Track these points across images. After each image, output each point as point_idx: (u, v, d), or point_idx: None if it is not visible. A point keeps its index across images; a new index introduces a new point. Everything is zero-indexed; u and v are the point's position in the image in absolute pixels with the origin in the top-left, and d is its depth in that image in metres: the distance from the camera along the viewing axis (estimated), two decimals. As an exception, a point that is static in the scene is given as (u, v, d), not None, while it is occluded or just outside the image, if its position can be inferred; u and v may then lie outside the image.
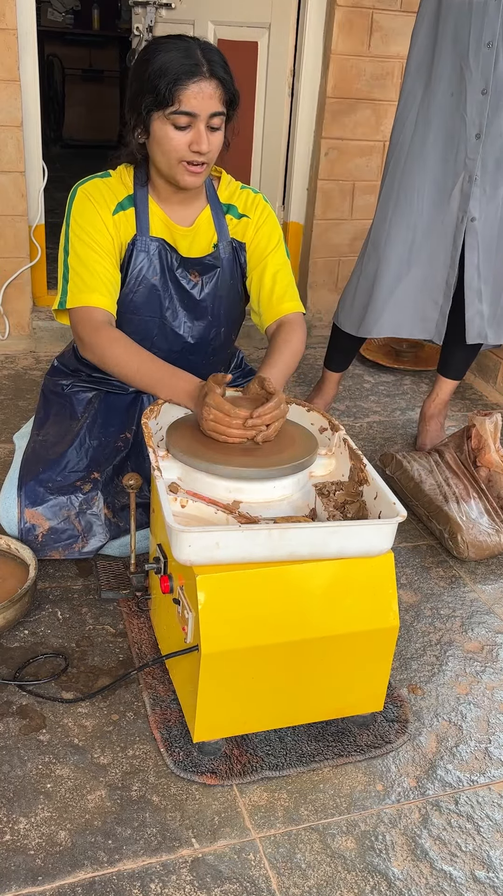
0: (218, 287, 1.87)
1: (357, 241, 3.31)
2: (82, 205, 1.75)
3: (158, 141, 1.66)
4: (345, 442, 1.56)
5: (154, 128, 1.65)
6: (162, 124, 1.63)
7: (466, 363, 2.54)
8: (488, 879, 1.28)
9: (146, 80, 1.61)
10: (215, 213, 1.84)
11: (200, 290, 1.86)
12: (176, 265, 1.83)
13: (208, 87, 1.60)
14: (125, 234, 1.78)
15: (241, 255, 1.89)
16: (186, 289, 1.85)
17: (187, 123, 1.62)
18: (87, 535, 1.81)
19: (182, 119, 1.61)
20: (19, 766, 1.38)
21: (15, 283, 2.98)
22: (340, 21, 2.96)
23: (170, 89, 1.58)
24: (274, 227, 1.89)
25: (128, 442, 1.92)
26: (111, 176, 1.78)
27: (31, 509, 1.78)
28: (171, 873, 1.24)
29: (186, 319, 1.89)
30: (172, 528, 1.24)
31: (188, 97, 1.59)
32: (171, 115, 1.61)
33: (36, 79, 2.82)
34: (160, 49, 1.61)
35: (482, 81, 2.10)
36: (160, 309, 1.85)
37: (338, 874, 1.26)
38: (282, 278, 1.87)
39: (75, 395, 1.99)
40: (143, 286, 1.82)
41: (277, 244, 1.88)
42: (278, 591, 1.32)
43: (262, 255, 1.87)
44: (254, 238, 1.87)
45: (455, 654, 1.74)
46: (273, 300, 1.86)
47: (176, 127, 1.62)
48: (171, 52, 1.59)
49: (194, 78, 1.59)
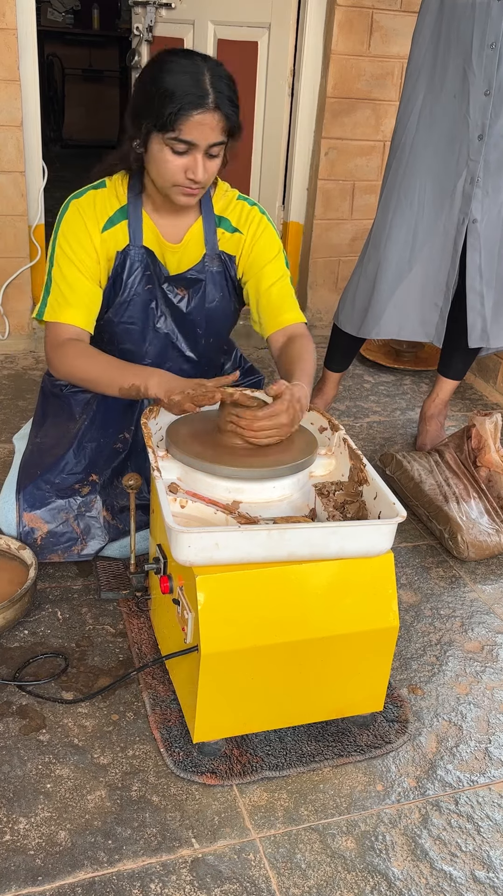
0: (205, 300, 1.86)
1: (357, 241, 3.31)
2: (72, 220, 1.74)
3: (155, 160, 1.65)
4: (344, 442, 1.56)
5: (152, 146, 1.63)
6: (160, 146, 1.61)
7: (466, 364, 2.54)
8: (488, 879, 1.28)
9: (150, 100, 1.58)
10: (207, 224, 1.82)
11: (187, 304, 1.86)
12: (163, 279, 1.83)
13: (211, 120, 1.58)
14: (114, 247, 1.77)
15: (231, 267, 1.86)
16: (174, 302, 1.85)
17: (185, 150, 1.60)
18: (86, 538, 1.81)
19: (181, 146, 1.59)
20: (19, 766, 1.38)
21: (15, 283, 2.98)
22: (340, 21, 2.96)
23: (172, 117, 1.55)
24: (271, 239, 1.86)
25: (126, 443, 1.91)
26: (106, 186, 1.76)
27: (30, 513, 1.78)
28: (171, 873, 1.24)
29: (178, 331, 1.89)
30: (172, 528, 1.24)
31: (189, 127, 1.57)
32: (170, 141, 1.59)
33: (36, 79, 2.82)
34: (169, 68, 1.58)
35: (485, 83, 2.10)
36: (152, 318, 1.85)
37: (338, 874, 1.26)
38: (281, 288, 1.85)
39: (73, 396, 1.99)
40: (137, 296, 1.81)
41: (276, 255, 1.86)
42: (278, 591, 1.32)
43: (260, 267, 1.85)
44: (251, 252, 1.85)
45: (455, 654, 1.74)
46: (272, 311, 1.85)
47: (174, 151, 1.61)
48: (179, 76, 1.56)
49: (198, 109, 1.56)
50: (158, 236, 1.80)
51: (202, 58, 1.61)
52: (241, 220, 1.84)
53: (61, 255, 1.74)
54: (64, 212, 1.76)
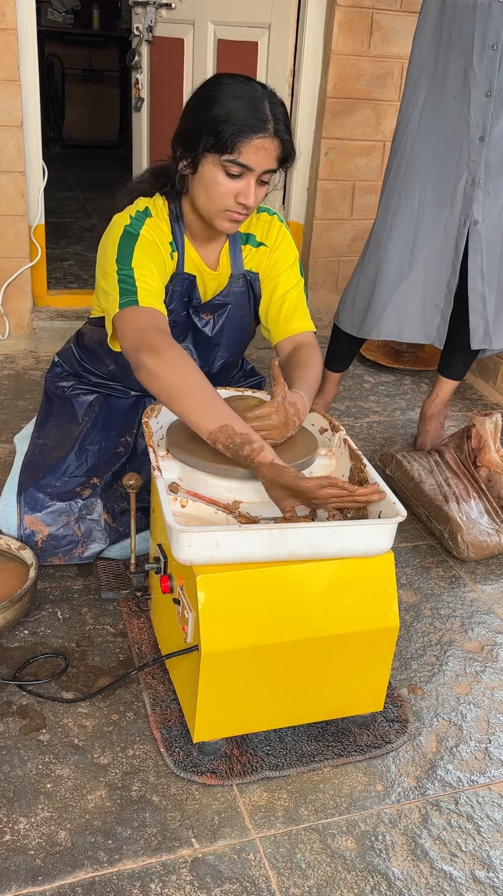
0: (227, 321, 1.86)
1: (357, 241, 3.31)
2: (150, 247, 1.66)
3: (205, 182, 1.62)
4: (345, 442, 1.56)
5: (204, 168, 1.61)
6: (214, 167, 1.59)
7: (467, 364, 2.54)
8: (488, 879, 1.28)
9: (209, 121, 1.56)
10: (232, 245, 1.82)
11: (212, 329, 1.86)
12: (193, 303, 1.82)
13: (270, 146, 1.58)
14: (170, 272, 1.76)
15: (256, 285, 1.86)
16: (199, 326, 1.85)
17: (239, 173, 1.59)
18: (86, 541, 1.81)
19: (236, 169, 1.58)
20: (19, 766, 1.38)
21: (15, 283, 2.98)
22: (340, 21, 2.96)
23: (233, 139, 1.54)
24: (289, 248, 1.86)
25: (128, 447, 1.91)
26: (153, 215, 1.71)
27: (31, 515, 1.78)
28: (170, 873, 1.24)
29: (197, 350, 1.88)
30: (172, 527, 1.24)
31: (249, 151, 1.56)
32: (226, 163, 1.57)
33: (36, 79, 2.82)
34: (228, 92, 1.57)
35: (486, 84, 2.10)
36: (179, 340, 1.81)
37: (338, 874, 1.26)
38: (294, 297, 1.84)
39: (76, 398, 1.99)
40: (175, 324, 1.79)
41: (292, 265, 1.86)
42: (278, 591, 1.32)
43: (276, 275, 1.84)
44: (269, 261, 1.84)
45: (455, 654, 1.74)
46: (283, 317, 1.83)
47: (227, 174, 1.59)
48: (240, 101, 1.55)
49: (259, 134, 1.55)
50: (199, 262, 1.79)
51: (261, 84, 1.61)
52: (265, 233, 1.84)
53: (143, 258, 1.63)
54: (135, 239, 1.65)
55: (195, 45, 3.24)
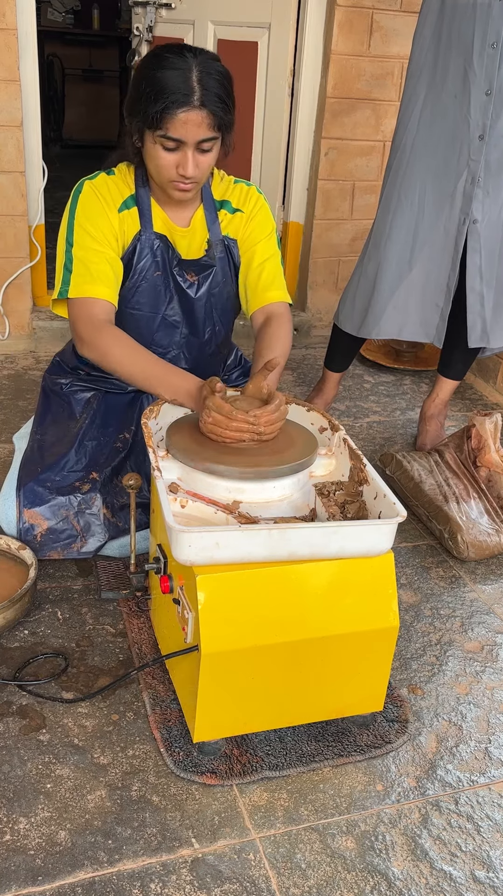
0: (212, 286, 1.89)
1: (357, 241, 3.31)
2: (89, 199, 1.75)
3: (149, 156, 1.69)
4: (345, 442, 1.56)
5: (146, 142, 1.67)
6: (152, 142, 1.65)
7: (466, 364, 2.54)
8: (488, 879, 1.28)
9: (140, 98, 1.62)
10: (208, 211, 1.85)
11: (196, 290, 1.88)
12: (174, 263, 1.84)
13: (196, 117, 1.60)
14: (129, 231, 1.79)
15: (234, 251, 1.90)
16: (183, 287, 1.86)
17: (175, 147, 1.63)
18: (85, 535, 1.81)
19: (170, 143, 1.63)
20: (19, 766, 1.38)
21: (15, 283, 2.98)
22: (340, 21, 2.96)
23: (158, 115, 1.59)
24: (266, 217, 1.90)
25: (126, 442, 1.92)
26: (115, 174, 1.79)
27: (30, 509, 1.78)
28: (171, 873, 1.24)
29: (185, 317, 1.90)
30: (172, 528, 1.24)
31: (176, 125, 1.60)
32: (160, 138, 1.63)
33: (36, 79, 2.82)
34: (159, 65, 1.60)
35: (486, 82, 2.10)
36: (161, 305, 1.86)
37: (338, 874, 1.26)
38: (271, 267, 1.88)
39: (74, 395, 1.99)
40: (145, 282, 1.83)
41: (269, 234, 1.89)
42: (278, 591, 1.32)
43: (253, 243, 1.88)
44: (247, 228, 1.88)
45: (455, 654, 1.74)
46: (259, 287, 1.87)
47: (164, 148, 1.64)
48: (168, 73, 1.58)
49: (183, 107, 1.58)
50: (167, 221, 1.82)
51: (194, 53, 1.62)
52: (240, 201, 1.88)
53: (81, 231, 1.74)
54: (78, 192, 1.77)
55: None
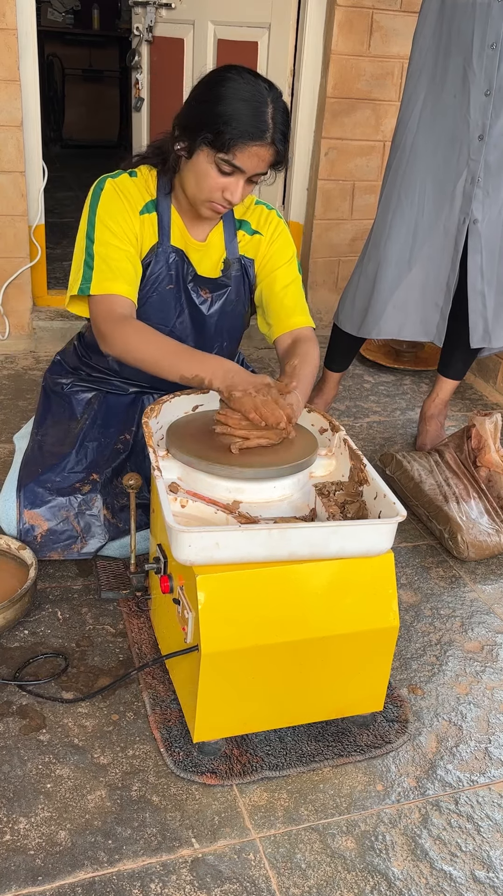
0: (225, 305, 1.88)
1: (357, 241, 3.31)
2: (112, 197, 1.73)
3: (197, 171, 1.65)
4: (345, 442, 1.56)
5: (198, 158, 1.63)
6: (207, 160, 1.62)
7: (467, 363, 2.54)
8: (488, 879, 1.28)
9: (210, 117, 1.57)
10: (227, 229, 1.84)
11: (209, 307, 1.87)
12: (189, 279, 1.83)
13: (266, 153, 1.60)
14: (147, 238, 1.77)
15: (250, 271, 1.89)
16: (196, 303, 1.86)
17: (231, 172, 1.62)
18: (85, 536, 1.81)
19: (228, 168, 1.61)
20: (19, 766, 1.38)
21: (15, 283, 2.98)
22: (340, 21, 2.96)
23: (231, 141, 1.56)
24: (287, 242, 1.89)
25: (127, 444, 1.92)
26: (137, 176, 1.77)
27: (31, 510, 1.79)
28: (171, 873, 1.24)
29: (194, 331, 1.89)
30: (172, 527, 1.24)
31: (244, 156, 1.59)
32: (220, 161, 1.60)
33: (36, 79, 2.82)
34: (235, 91, 1.57)
35: (485, 82, 2.10)
36: (171, 319, 1.85)
37: (338, 874, 1.26)
38: (294, 292, 1.87)
39: (75, 396, 1.99)
40: (157, 293, 1.81)
41: (290, 259, 1.88)
42: (278, 591, 1.32)
43: (273, 268, 1.87)
44: (267, 253, 1.87)
45: (455, 654, 1.74)
46: (283, 313, 1.86)
47: (219, 170, 1.62)
48: (244, 104, 1.56)
49: (258, 142, 1.57)
50: (185, 233, 1.81)
51: (268, 85, 1.61)
52: (260, 223, 1.87)
53: (103, 228, 1.71)
54: (100, 188, 1.74)
55: (195, 45, 3.24)
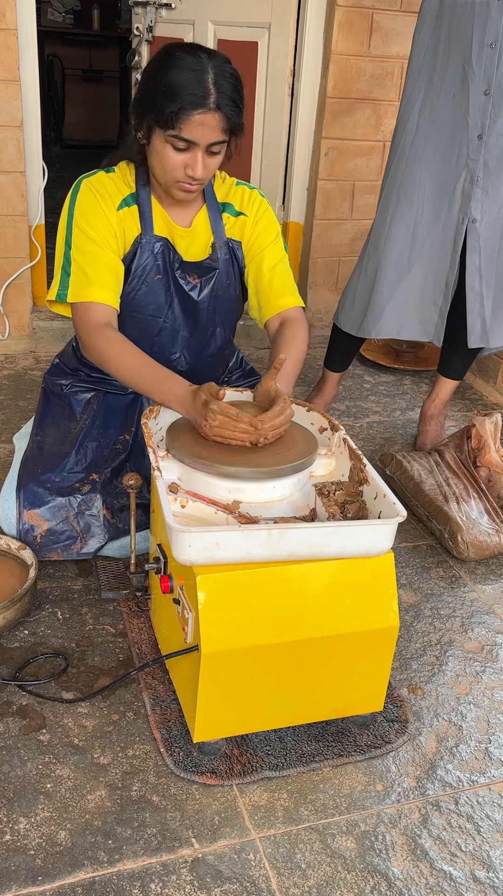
0: (215, 289, 1.88)
1: (357, 241, 3.31)
2: (86, 198, 1.74)
3: (157, 154, 1.67)
4: (345, 442, 1.56)
5: (154, 141, 1.66)
6: (162, 141, 1.64)
7: (466, 364, 2.54)
8: (488, 879, 1.28)
9: (153, 95, 1.59)
10: (212, 212, 1.85)
11: (199, 292, 1.87)
12: (176, 266, 1.83)
13: (211, 120, 1.59)
14: (129, 231, 1.78)
15: (238, 253, 1.89)
16: (185, 290, 1.86)
17: (186, 147, 1.63)
18: (85, 536, 1.81)
19: (181, 144, 1.62)
20: (19, 766, 1.38)
21: (15, 283, 2.98)
22: (340, 21, 2.96)
23: (173, 115, 1.57)
24: (271, 221, 1.89)
25: (126, 444, 1.92)
26: (115, 172, 1.78)
27: (30, 510, 1.78)
28: (171, 873, 1.24)
29: (186, 320, 1.89)
30: (172, 528, 1.24)
31: (190, 127, 1.59)
32: (171, 138, 1.61)
33: (36, 79, 2.82)
34: (175, 64, 1.58)
35: (484, 82, 2.10)
36: (162, 308, 1.85)
37: (338, 874, 1.26)
38: (281, 272, 1.87)
39: (74, 396, 1.99)
40: (145, 285, 1.82)
41: (275, 238, 1.88)
42: (278, 591, 1.32)
43: (260, 248, 1.87)
44: (252, 233, 1.87)
45: (455, 654, 1.74)
46: (272, 294, 1.86)
47: (174, 148, 1.63)
48: (183, 73, 1.57)
49: (199, 109, 1.57)
50: (168, 220, 1.81)
51: (208, 55, 1.61)
52: (243, 204, 1.87)
53: (79, 233, 1.73)
54: (76, 192, 1.75)
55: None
